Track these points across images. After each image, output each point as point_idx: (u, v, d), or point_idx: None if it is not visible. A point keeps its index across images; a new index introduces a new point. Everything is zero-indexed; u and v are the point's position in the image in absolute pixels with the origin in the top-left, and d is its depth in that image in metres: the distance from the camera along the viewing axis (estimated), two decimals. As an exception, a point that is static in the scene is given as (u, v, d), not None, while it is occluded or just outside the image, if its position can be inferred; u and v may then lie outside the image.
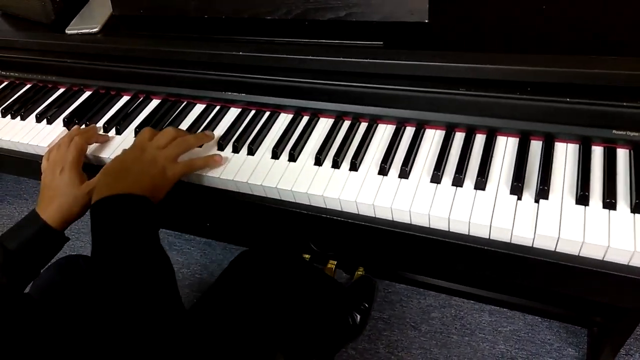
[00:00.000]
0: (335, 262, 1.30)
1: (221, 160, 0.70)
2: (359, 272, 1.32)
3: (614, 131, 0.58)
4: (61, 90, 0.93)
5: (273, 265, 0.90)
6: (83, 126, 0.82)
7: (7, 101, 0.93)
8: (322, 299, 1.03)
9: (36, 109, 0.89)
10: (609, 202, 0.54)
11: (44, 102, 0.91)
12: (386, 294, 1.32)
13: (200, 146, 0.73)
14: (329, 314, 1.08)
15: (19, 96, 0.94)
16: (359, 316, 1.24)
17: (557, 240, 0.53)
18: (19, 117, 0.88)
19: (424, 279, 1.27)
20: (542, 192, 0.56)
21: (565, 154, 0.61)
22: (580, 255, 0.54)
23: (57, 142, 0.76)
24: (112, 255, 0.54)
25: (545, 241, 0.54)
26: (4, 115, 0.90)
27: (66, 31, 0.89)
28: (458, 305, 1.25)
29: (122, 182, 0.60)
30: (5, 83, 0.98)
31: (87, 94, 0.90)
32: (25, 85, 0.96)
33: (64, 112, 0.87)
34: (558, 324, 1.17)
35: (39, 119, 0.87)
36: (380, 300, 1.31)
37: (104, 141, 0.79)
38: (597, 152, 0.60)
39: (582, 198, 0.55)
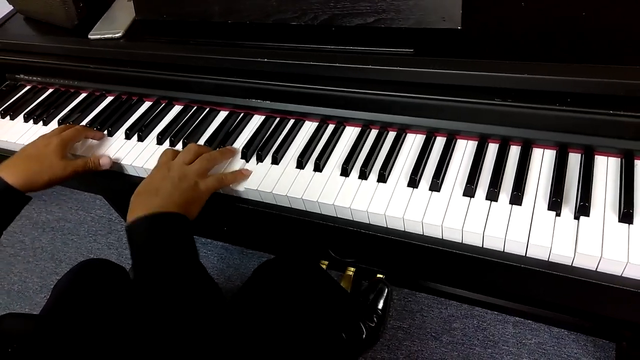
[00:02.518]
0: (354, 269, 1.29)
1: (249, 175, 0.69)
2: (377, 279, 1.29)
3: (659, 145, 0.55)
4: (83, 95, 0.92)
5: (292, 275, 0.90)
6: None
7: (29, 106, 0.93)
8: (335, 309, 1.01)
9: (58, 114, 0.89)
10: (655, 220, 0.51)
11: (66, 107, 0.90)
12: (406, 303, 1.29)
13: None
14: (342, 323, 1.06)
15: (41, 101, 0.94)
16: (373, 323, 1.22)
17: (600, 260, 0.51)
18: (41, 122, 0.88)
19: (446, 289, 1.25)
20: (583, 209, 0.54)
21: (606, 167, 0.58)
22: (623, 275, 0.51)
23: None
24: (152, 274, 0.55)
25: (586, 260, 0.52)
26: (26, 120, 0.90)
27: (89, 36, 0.88)
28: (481, 315, 1.22)
29: (154, 201, 0.60)
30: (28, 87, 0.98)
31: (109, 99, 0.90)
32: (48, 90, 0.96)
33: (86, 117, 0.87)
34: (585, 337, 1.14)
35: (60, 125, 0.86)
36: (401, 309, 1.28)
37: (99, 137, 0.81)
38: (640, 167, 0.57)
39: (626, 215, 0.52)
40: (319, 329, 0.89)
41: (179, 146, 0.77)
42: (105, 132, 0.82)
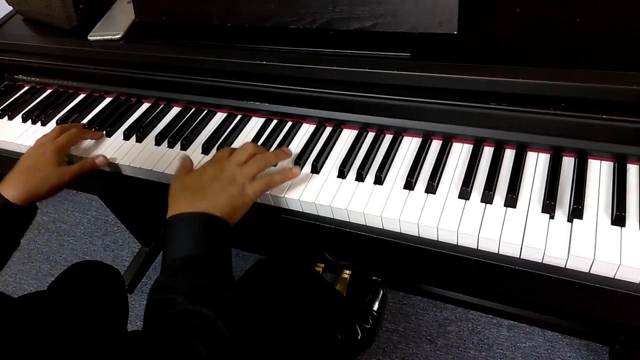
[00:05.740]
0: (350, 272, 1.29)
1: (298, 173, 0.66)
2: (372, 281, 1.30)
3: (651, 149, 0.56)
4: (82, 96, 0.92)
5: (285, 276, 0.90)
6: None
7: (27, 106, 0.93)
8: (329, 311, 1.02)
9: (57, 114, 0.89)
10: (647, 223, 0.52)
11: (65, 107, 0.91)
12: (401, 306, 1.30)
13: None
14: (337, 325, 1.07)
15: (39, 101, 0.94)
16: (368, 325, 1.22)
17: (592, 262, 0.52)
18: (39, 123, 0.88)
19: (441, 292, 1.25)
20: (576, 212, 0.55)
21: (599, 171, 0.59)
22: (615, 278, 0.52)
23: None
24: (181, 275, 0.53)
25: (579, 262, 0.52)
26: (24, 120, 0.90)
27: (88, 37, 0.88)
28: (475, 319, 1.23)
29: (201, 199, 0.59)
30: (26, 88, 0.99)
31: (107, 100, 0.90)
32: (46, 90, 0.96)
33: (84, 118, 0.87)
34: (579, 341, 1.14)
35: (59, 124, 0.86)
36: (396, 312, 1.29)
37: (98, 137, 0.82)
38: (633, 171, 0.58)
39: (618, 218, 0.53)
40: (313, 330, 0.89)
41: (177, 147, 0.77)
42: (104, 132, 0.82)
